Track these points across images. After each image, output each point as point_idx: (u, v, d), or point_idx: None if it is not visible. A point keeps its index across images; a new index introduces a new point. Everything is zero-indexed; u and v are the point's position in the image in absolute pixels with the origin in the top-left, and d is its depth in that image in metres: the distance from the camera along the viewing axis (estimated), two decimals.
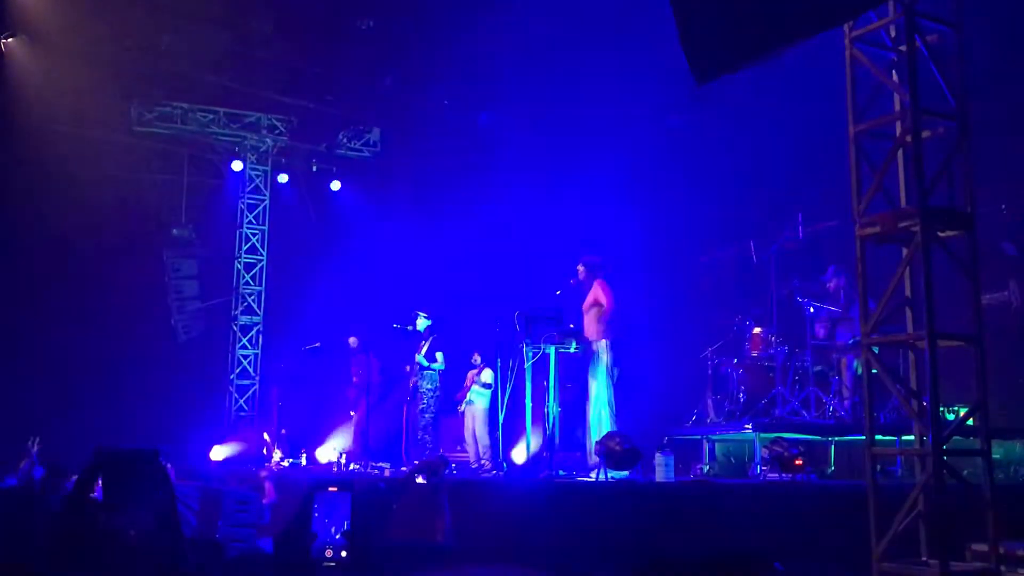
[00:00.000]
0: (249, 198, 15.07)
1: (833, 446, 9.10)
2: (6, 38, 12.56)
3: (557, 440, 8.82)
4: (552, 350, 8.83)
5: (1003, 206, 9.22)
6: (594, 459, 8.13)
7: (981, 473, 4.81)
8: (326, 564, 3.05)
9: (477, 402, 10.80)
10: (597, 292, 8.93)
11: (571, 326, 8.98)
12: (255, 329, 14.99)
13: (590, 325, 8.91)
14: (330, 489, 2.53)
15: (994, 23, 7.72)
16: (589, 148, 12.86)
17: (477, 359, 10.98)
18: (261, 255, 15.08)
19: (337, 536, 2.53)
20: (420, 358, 11.09)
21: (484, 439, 10.63)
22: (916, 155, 4.83)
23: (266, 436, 13.44)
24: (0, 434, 10.78)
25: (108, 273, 13.44)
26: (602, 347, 8.78)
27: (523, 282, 11.96)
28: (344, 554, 2.47)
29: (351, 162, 15.28)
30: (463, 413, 10.98)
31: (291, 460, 12.43)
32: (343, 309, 13.97)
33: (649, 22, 8.16)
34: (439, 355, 11.06)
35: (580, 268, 9.15)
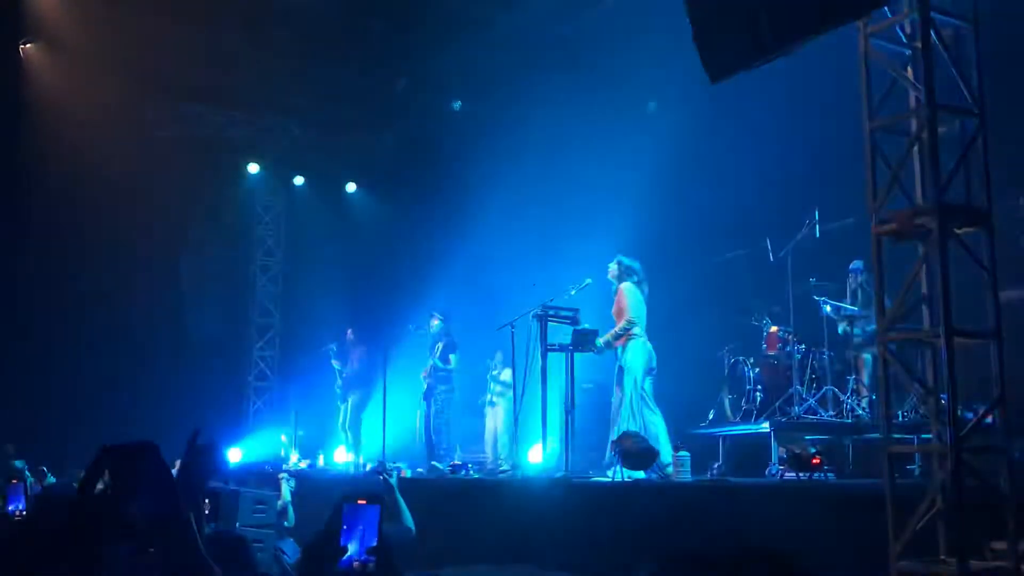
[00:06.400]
0: (265, 200, 15.14)
1: (851, 445, 9.04)
2: (25, 43, 12.68)
3: (573, 440, 8.81)
4: (569, 350, 8.81)
5: (1021, 201, 9.15)
6: (611, 458, 8.11)
7: (1001, 471, 4.77)
8: None
9: (499, 403, 10.82)
10: (620, 299, 8.87)
11: (587, 326, 8.95)
12: (272, 331, 15.05)
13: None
14: (359, 502, 2.55)
15: (1012, 16, 7.65)
16: (605, 146, 12.84)
17: (499, 357, 10.99)
18: (277, 257, 15.15)
19: (365, 549, 2.55)
20: (435, 360, 11.10)
21: (504, 439, 10.64)
22: (932, 151, 4.81)
23: (283, 437, 13.50)
24: (16, 435, 10.93)
25: (125, 275, 13.53)
26: (627, 350, 8.72)
27: (540, 282, 11.96)
28: (371, 567, 2.50)
29: (366, 164, 15.32)
30: (485, 413, 11.01)
31: (308, 461, 12.47)
32: (360, 310, 14.01)
33: (663, 19, 8.14)
34: (452, 356, 11.07)
35: (612, 267, 9.08)
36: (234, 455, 13.40)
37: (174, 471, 2.56)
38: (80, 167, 12.82)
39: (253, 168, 14.91)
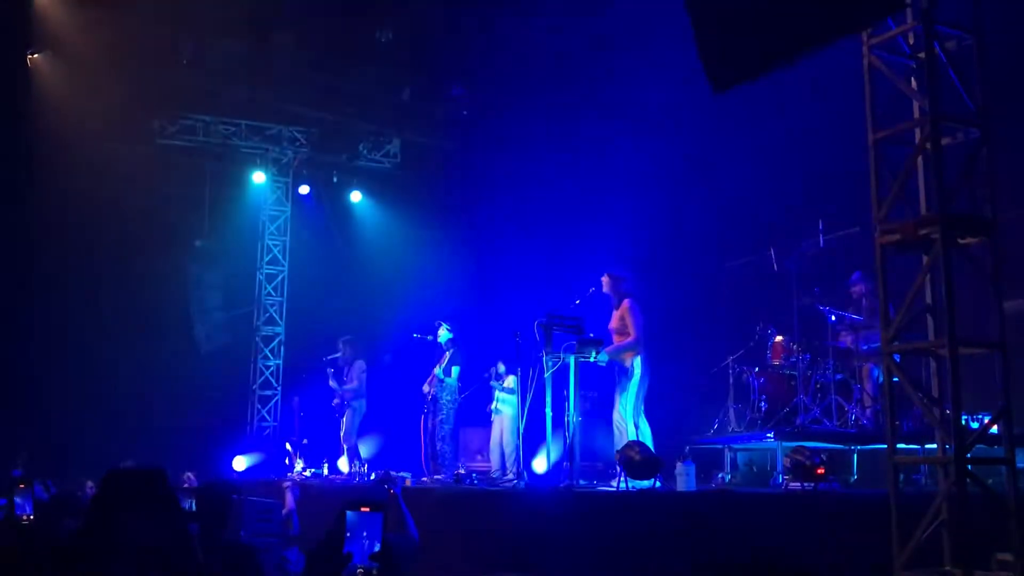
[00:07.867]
0: (271, 209, 15.16)
1: (856, 455, 9.04)
2: (32, 54, 12.75)
3: (577, 450, 8.79)
4: (572, 359, 8.79)
5: None
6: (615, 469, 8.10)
7: (1006, 481, 4.77)
8: None
9: (505, 410, 10.79)
10: (627, 317, 8.78)
11: (591, 335, 8.93)
12: (277, 340, 15.08)
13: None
14: (362, 509, 2.54)
15: (1015, 28, 7.67)
16: (609, 157, 12.86)
17: (501, 368, 10.97)
18: (283, 266, 15.17)
19: (369, 555, 2.54)
20: (439, 370, 11.09)
21: (510, 447, 10.60)
22: (936, 162, 4.82)
23: (288, 446, 13.50)
24: (21, 446, 10.94)
25: (131, 284, 13.56)
26: (634, 364, 8.69)
27: (544, 291, 11.97)
28: (375, 572, 2.50)
29: (371, 173, 15.36)
30: (491, 422, 10.99)
31: (313, 470, 12.47)
32: (364, 320, 14.02)
33: (667, 30, 8.17)
34: (455, 370, 11.06)
35: (604, 279, 9.06)
36: (238, 463, 13.41)
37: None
38: (86, 176, 12.86)
39: (259, 177, 14.94)
